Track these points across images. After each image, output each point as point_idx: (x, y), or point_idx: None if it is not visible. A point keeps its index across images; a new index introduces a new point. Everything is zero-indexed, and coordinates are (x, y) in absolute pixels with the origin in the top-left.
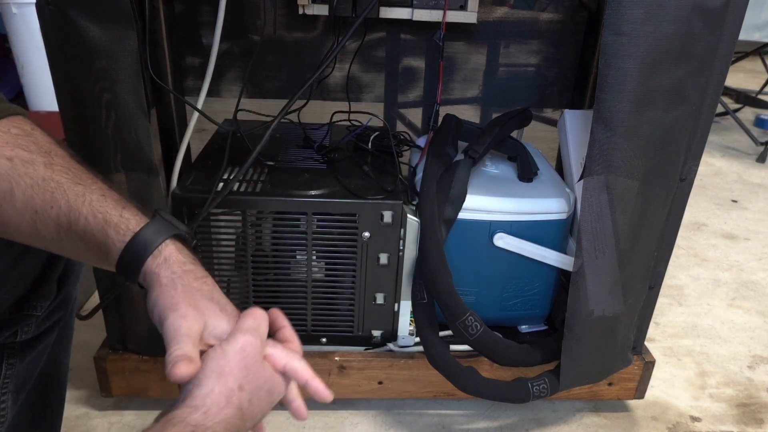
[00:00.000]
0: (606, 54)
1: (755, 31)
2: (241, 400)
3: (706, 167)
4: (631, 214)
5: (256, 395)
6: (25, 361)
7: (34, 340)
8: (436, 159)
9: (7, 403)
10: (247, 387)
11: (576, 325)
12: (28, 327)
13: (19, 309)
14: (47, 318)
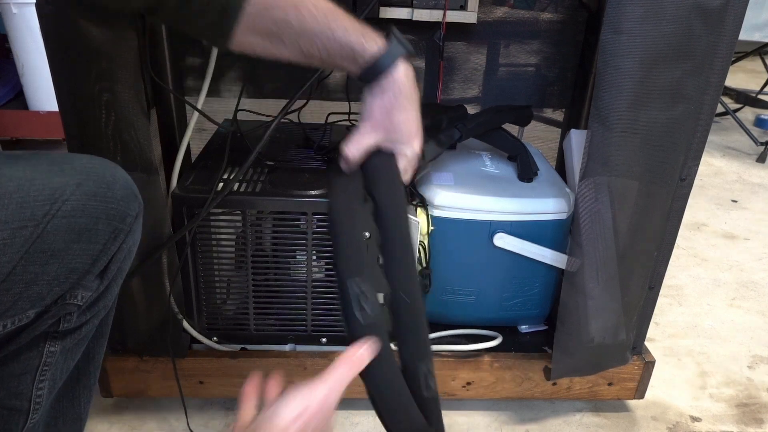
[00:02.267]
0: (605, 52)
1: (755, 31)
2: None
3: (706, 167)
4: (629, 213)
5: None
6: (65, 352)
7: (75, 331)
8: (428, 113)
9: (44, 390)
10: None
11: (568, 319)
12: (70, 317)
13: (63, 299)
14: (88, 310)
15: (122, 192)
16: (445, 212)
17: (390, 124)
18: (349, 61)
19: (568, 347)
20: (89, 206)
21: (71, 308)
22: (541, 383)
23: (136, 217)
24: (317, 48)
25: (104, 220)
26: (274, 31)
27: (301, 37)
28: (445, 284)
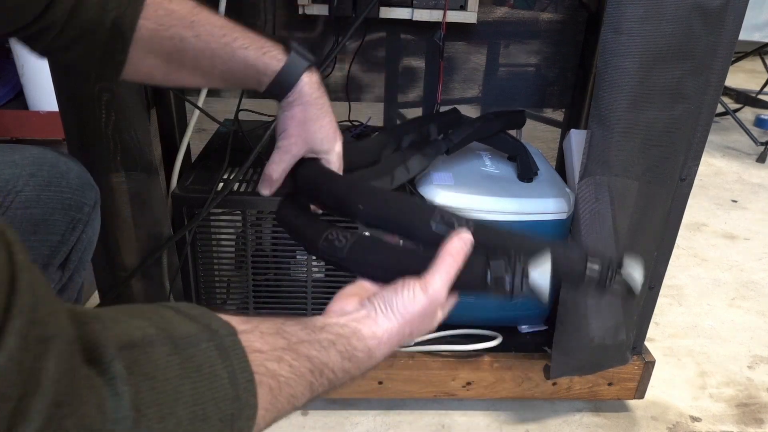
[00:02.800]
0: (605, 52)
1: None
2: (403, 337)
3: (706, 167)
4: (629, 213)
5: (418, 329)
6: None
7: None
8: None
9: None
10: (415, 332)
11: (568, 319)
12: None
13: None
14: None
15: (77, 181)
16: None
17: (307, 135)
18: (252, 81)
19: (568, 347)
20: (44, 197)
21: None
22: (541, 383)
23: (94, 206)
24: (218, 69)
25: (60, 210)
26: (172, 52)
27: (201, 58)
28: None
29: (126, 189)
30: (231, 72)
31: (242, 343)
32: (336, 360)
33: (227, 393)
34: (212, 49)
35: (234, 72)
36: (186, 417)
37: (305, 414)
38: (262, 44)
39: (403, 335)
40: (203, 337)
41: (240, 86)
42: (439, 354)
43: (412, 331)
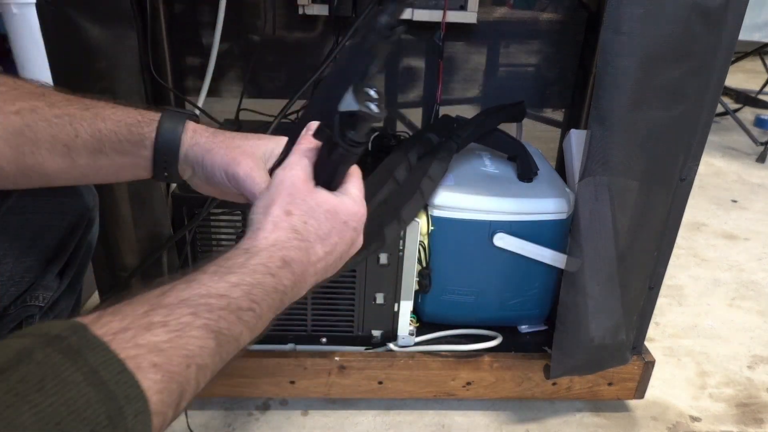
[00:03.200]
0: (605, 52)
1: (755, 31)
2: (291, 222)
3: (706, 167)
4: (629, 213)
5: (311, 217)
6: None
7: None
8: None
9: None
10: (295, 211)
11: (568, 318)
12: (32, 319)
13: (23, 301)
14: (50, 310)
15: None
16: (445, 212)
17: (255, 151)
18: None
19: (568, 347)
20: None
21: (32, 310)
22: (541, 383)
23: (93, 211)
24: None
25: (58, 216)
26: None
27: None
28: (445, 284)
29: (126, 189)
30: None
31: (96, 333)
32: (225, 283)
33: (90, 398)
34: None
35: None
36: None
37: (305, 414)
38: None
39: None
40: (37, 347)
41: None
42: (439, 354)
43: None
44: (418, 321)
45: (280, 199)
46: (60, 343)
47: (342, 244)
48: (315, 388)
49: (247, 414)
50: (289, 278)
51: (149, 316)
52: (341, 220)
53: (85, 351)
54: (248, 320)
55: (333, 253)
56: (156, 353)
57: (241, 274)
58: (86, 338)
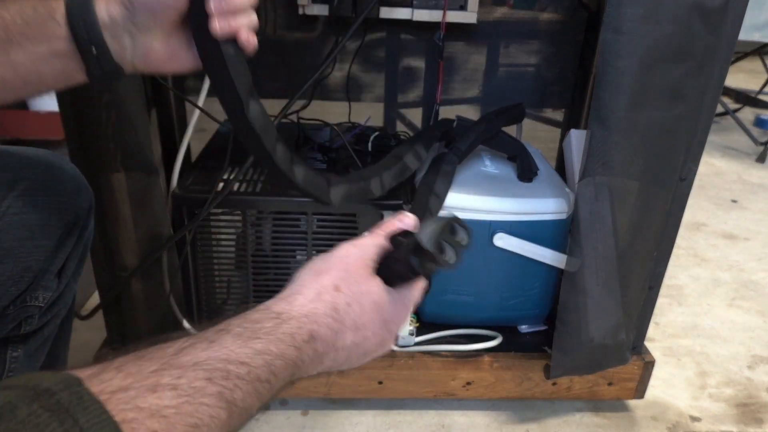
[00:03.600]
0: (604, 52)
1: (755, 31)
2: (335, 299)
3: (706, 167)
4: (629, 213)
5: (356, 302)
6: (29, 355)
7: (37, 333)
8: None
9: None
10: (344, 289)
11: (568, 319)
12: (32, 319)
13: (23, 301)
14: (49, 310)
15: (72, 184)
16: (445, 212)
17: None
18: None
19: (568, 347)
20: (39, 201)
21: (32, 310)
22: (541, 383)
23: (89, 210)
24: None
25: (56, 215)
26: None
27: None
28: (445, 284)
29: (126, 189)
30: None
31: (92, 390)
32: (248, 349)
33: None
34: None
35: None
36: None
37: (305, 414)
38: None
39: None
40: (23, 402)
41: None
42: (439, 354)
43: (337, 285)
44: (418, 321)
45: (335, 272)
46: (49, 399)
47: (372, 341)
48: (315, 388)
49: None
50: (310, 355)
51: (158, 375)
52: (383, 318)
53: (76, 410)
54: (263, 392)
55: (360, 346)
56: (157, 419)
57: (267, 342)
58: (79, 395)
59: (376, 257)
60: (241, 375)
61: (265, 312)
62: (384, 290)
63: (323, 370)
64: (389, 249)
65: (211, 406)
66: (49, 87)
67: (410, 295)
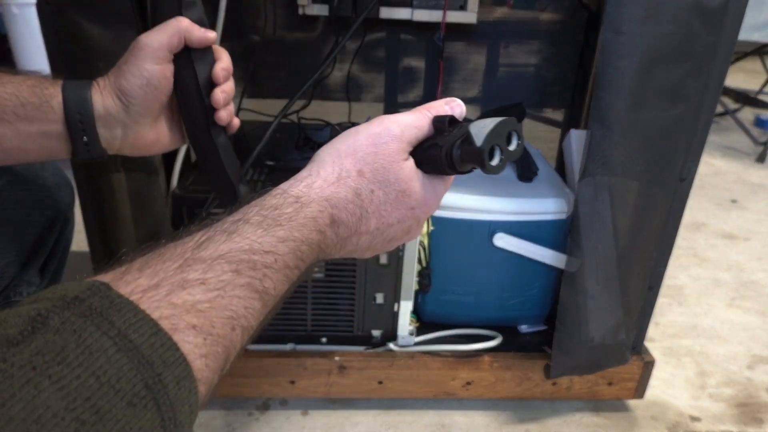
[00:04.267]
0: (605, 52)
1: (755, 31)
2: (358, 183)
3: (706, 167)
4: (629, 213)
5: (381, 188)
6: None
7: None
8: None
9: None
10: (368, 174)
11: (568, 319)
12: None
13: (6, 297)
14: None
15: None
16: (445, 212)
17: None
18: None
19: (568, 347)
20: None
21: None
22: (541, 383)
23: (70, 205)
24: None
25: (38, 210)
26: None
27: None
28: (445, 284)
29: (126, 189)
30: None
31: (121, 292)
32: (271, 237)
33: (121, 365)
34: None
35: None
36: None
37: (305, 414)
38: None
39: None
40: (54, 312)
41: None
42: (439, 354)
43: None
44: (418, 321)
45: (361, 153)
46: (80, 305)
47: (398, 228)
48: (315, 388)
49: (247, 414)
50: (333, 239)
51: (184, 272)
52: (409, 205)
53: (111, 312)
54: (292, 278)
55: (384, 233)
56: (195, 314)
57: (290, 228)
58: (110, 298)
59: (414, 140)
60: (268, 264)
61: (282, 196)
62: (414, 176)
63: (346, 255)
64: (431, 132)
65: (243, 297)
66: (30, 160)
67: (442, 186)
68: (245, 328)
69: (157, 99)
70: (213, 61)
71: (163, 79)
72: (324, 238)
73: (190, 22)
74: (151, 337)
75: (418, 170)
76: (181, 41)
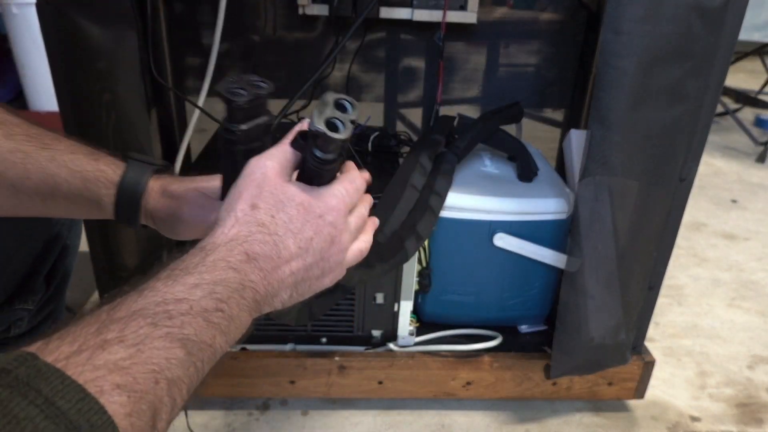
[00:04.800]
0: (605, 52)
1: (755, 31)
2: (257, 216)
3: (706, 167)
4: (629, 213)
5: (280, 210)
6: None
7: (26, 336)
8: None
9: None
10: (262, 205)
11: (568, 319)
12: (21, 321)
13: (11, 304)
14: (39, 312)
15: None
16: (445, 212)
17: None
18: (87, 196)
19: (568, 347)
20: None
21: (21, 313)
22: (540, 383)
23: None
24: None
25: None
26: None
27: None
28: (445, 284)
29: None
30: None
31: (47, 360)
32: (181, 286)
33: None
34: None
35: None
36: None
37: (305, 414)
38: (91, 150)
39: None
40: None
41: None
42: (439, 354)
43: (254, 203)
44: (418, 321)
45: (247, 193)
46: (6, 376)
47: (319, 239)
48: (315, 388)
49: (247, 414)
50: (257, 274)
51: (102, 333)
52: (316, 213)
53: (38, 381)
54: (218, 322)
55: (309, 250)
56: (118, 373)
57: (199, 273)
58: (36, 367)
59: (287, 163)
60: (183, 311)
61: (188, 253)
62: (304, 190)
63: (296, 292)
64: (297, 157)
65: (163, 348)
66: (73, 217)
67: (339, 187)
68: (170, 380)
69: (202, 215)
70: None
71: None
72: (244, 277)
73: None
74: (78, 402)
75: (305, 185)
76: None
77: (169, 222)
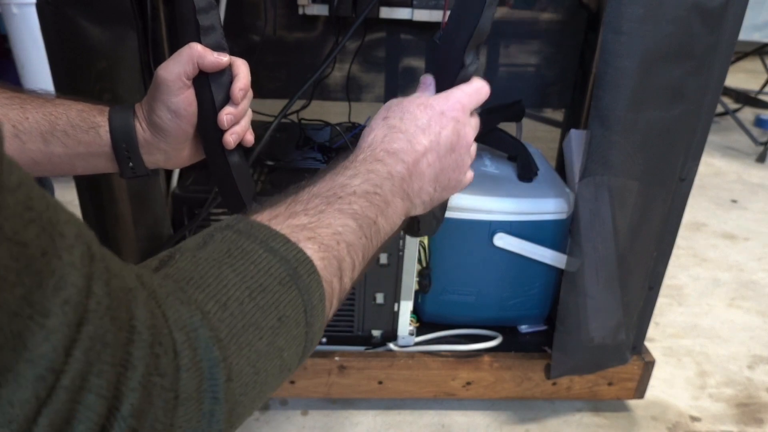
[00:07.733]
0: (605, 52)
1: (755, 31)
2: (387, 122)
3: (706, 167)
4: (629, 213)
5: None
6: None
7: None
8: None
9: None
10: (390, 114)
11: (568, 319)
12: None
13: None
14: None
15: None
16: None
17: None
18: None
19: (568, 347)
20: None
21: None
22: (541, 383)
23: None
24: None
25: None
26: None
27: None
28: (445, 284)
29: (126, 189)
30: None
31: (258, 220)
32: (342, 177)
33: (269, 260)
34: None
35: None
36: (244, 296)
37: (305, 414)
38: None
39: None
40: (215, 232)
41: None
42: (439, 354)
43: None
44: (418, 321)
45: (379, 115)
46: (231, 228)
47: (446, 132)
48: (315, 387)
49: None
50: (401, 165)
51: (290, 208)
52: (437, 111)
53: (254, 231)
54: (378, 203)
55: (440, 143)
56: (307, 231)
57: (353, 168)
58: (250, 223)
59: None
60: (349, 192)
61: (339, 161)
62: (426, 93)
63: (443, 185)
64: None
65: (338, 217)
66: (76, 173)
67: (456, 91)
68: (348, 243)
69: (189, 124)
70: (230, 81)
71: (188, 106)
72: (392, 168)
73: (203, 48)
74: (285, 244)
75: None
76: (195, 68)
77: (171, 117)
